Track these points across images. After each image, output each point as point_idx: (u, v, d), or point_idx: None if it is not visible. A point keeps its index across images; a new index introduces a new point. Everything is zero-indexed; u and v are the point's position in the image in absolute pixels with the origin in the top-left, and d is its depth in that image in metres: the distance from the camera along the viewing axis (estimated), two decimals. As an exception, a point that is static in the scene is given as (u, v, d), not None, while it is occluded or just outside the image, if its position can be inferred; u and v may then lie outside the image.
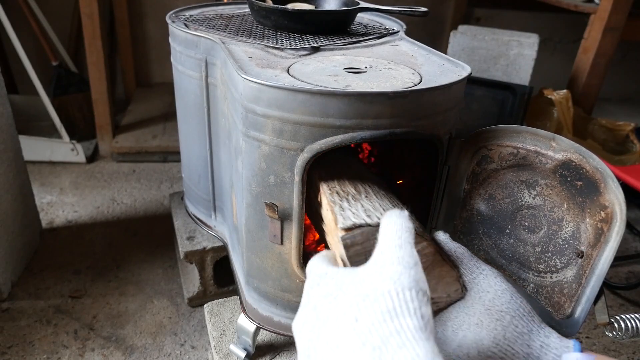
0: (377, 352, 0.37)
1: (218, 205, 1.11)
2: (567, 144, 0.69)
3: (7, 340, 1.17)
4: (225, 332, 0.99)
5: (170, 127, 2.19)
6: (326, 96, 0.64)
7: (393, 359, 0.36)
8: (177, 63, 1.02)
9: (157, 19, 2.52)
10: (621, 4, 1.73)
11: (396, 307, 0.39)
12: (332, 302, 0.44)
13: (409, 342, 0.37)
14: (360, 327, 0.39)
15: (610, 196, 0.64)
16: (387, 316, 0.39)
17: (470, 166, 0.78)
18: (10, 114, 1.32)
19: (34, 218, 1.49)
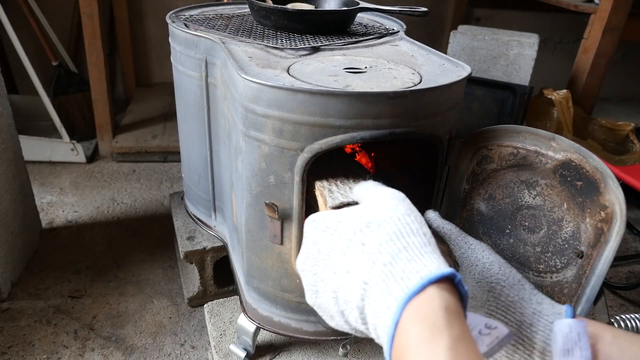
0: (388, 267, 0.40)
1: (218, 205, 1.11)
2: (567, 144, 0.69)
3: (7, 340, 1.17)
4: (225, 332, 0.99)
5: (170, 127, 2.19)
6: (326, 96, 0.64)
7: (404, 271, 0.39)
8: (177, 63, 1.02)
9: (157, 19, 2.52)
10: (621, 4, 1.73)
11: (400, 229, 0.43)
12: (333, 234, 0.47)
13: (416, 256, 0.40)
14: (369, 249, 0.42)
15: (610, 196, 0.64)
16: (394, 236, 0.42)
17: (470, 166, 0.78)
18: (10, 114, 1.32)
19: (34, 218, 1.49)
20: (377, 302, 0.39)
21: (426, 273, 0.38)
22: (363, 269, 0.41)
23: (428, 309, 0.36)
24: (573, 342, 0.46)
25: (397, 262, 0.40)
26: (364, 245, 0.43)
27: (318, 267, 0.47)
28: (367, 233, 0.44)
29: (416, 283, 0.37)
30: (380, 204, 0.47)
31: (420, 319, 0.36)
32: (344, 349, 0.85)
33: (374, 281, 0.40)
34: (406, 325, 0.36)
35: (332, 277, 0.44)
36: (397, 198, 0.48)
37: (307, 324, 0.85)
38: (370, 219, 0.45)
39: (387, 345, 0.37)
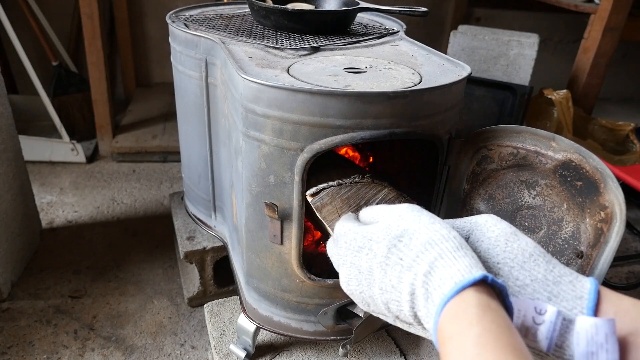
0: (427, 277, 0.43)
1: (218, 205, 1.11)
2: (567, 144, 0.69)
3: (7, 340, 1.17)
4: (225, 332, 0.99)
5: (170, 127, 2.19)
6: (326, 96, 0.64)
7: (441, 279, 0.42)
8: (177, 63, 1.02)
9: (157, 19, 2.52)
10: (621, 4, 1.73)
11: (432, 237, 0.45)
12: (368, 254, 0.49)
13: (451, 261, 0.43)
14: (407, 263, 0.45)
15: (610, 196, 0.64)
16: (428, 246, 0.45)
17: (470, 166, 0.78)
18: (10, 114, 1.32)
19: (34, 218, 1.49)
20: (424, 309, 0.43)
21: (459, 279, 0.41)
22: (407, 282, 0.44)
23: (459, 309, 0.39)
24: (598, 345, 0.43)
25: (435, 271, 0.43)
26: (402, 260, 0.46)
27: (363, 287, 0.49)
28: (401, 248, 0.46)
29: (450, 289, 0.40)
30: (404, 217, 0.49)
31: (452, 317, 0.39)
32: (344, 349, 0.85)
33: (419, 291, 0.44)
34: (442, 326, 0.40)
35: (380, 293, 0.47)
36: (416, 209, 0.50)
37: (307, 324, 0.85)
38: (400, 232, 0.47)
39: (434, 334, 0.41)
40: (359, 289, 0.50)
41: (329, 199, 0.68)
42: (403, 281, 0.45)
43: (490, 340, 0.36)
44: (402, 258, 0.46)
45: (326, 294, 0.81)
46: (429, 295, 0.43)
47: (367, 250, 0.49)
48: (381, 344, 0.97)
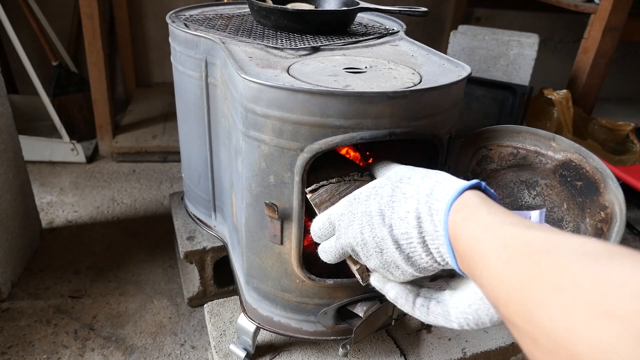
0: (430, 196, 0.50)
1: (218, 205, 1.11)
2: (567, 144, 0.69)
3: (7, 340, 1.17)
4: (225, 332, 0.99)
5: (170, 127, 2.19)
6: (326, 96, 0.64)
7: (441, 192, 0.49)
8: (177, 63, 1.02)
9: (157, 19, 2.52)
10: (621, 4, 1.73)
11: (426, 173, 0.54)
12: (375, 197, 0.56)
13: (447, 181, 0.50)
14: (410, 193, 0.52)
15: (610, 196, 0.64)
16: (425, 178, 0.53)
17: (470, 166, 0.78)
18: (10, 114, 1.32)
19: (34, 218, 1.49)
20: (430, 225, 0.48)
21: (458, 186, 0.48)
22: (412, 208, 0.50)
23: (464, 201, 0.46)
24: None
25: (435, 191, 0.49)
26: (405, 194, 0.52)
27: (375, 230, 0.54)
28: (403, 186, 0.54)
29: (452, 194, 0.47)
30: (399, 170, 0.59)
31: (461, 208, 0.46)
32: (344, 349, 0.85)
33: (423, 210, 0.49)
34: (452, 217, 0.46)
35: (389, 231, 0.52)
36: (409, 166, 0.60)
37: (307, 324, 0.85)
38: (399, 177, 0.56)
39: (447, 245, 0.46)
40: (372, 234, 0.54)
41: (328, 196, 0.68)
42: (409, 210, 0.51)
43: (500, 211, 0.43)
44: (405, 192, 0.52)
45: (326, 294, 0.81)
46: (432, 211, 0.48)
47: (374, 196, 0.56)
48: (381, 344, 0.97)
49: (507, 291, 0.34)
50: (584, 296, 0.27)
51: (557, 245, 0.33)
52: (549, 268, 0.31)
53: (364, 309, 0.80)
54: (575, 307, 0.27)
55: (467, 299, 0.50)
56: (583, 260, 0.30)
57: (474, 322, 0.49)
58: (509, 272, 0.35)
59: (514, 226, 0.39)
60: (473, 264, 0.41)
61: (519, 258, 0.34)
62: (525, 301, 0.31)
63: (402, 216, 0.51)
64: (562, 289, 0.28)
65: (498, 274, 0.36)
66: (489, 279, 0.37)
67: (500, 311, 0.36)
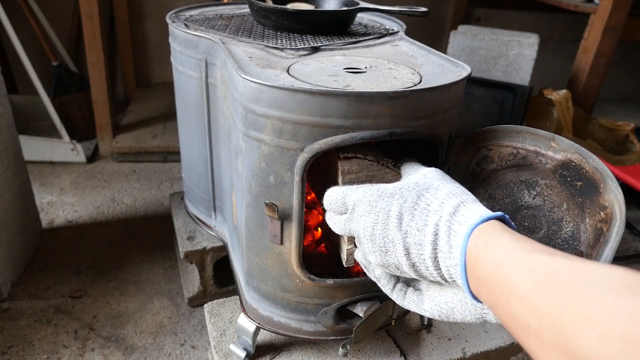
0: (452, 217, 0.50)
1: (218, 205, 1.11)
2: (567, 144, 0.69)
3: (7, 340, 1.17)
4: (225, 332, 0.99)
5: (170, 127, 2.19)
6: (326, 96, 0.64)
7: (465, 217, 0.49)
8: (177, 63, 1.02)
9: (157, 19, 2.52)
10: (621, 4, 1.73)
11: (453, 190, 0.54)
12: (399, 200, 0.56)
13: (471, 205, 0.51)
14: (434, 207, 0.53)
15: (609, 196, 0.64)
16: (452, 195, 0.53)
17: (470, 166, 0.78)
18: (10, 114, 1.32)
19: (34, 218, 1.49)
20: (446, 245, 0.49)
21: (484, 213, 0.49)
22: (432, 224, 0.51)
23: (487, 228, 0.46)
24: None
25: (459, 213, 0.50)
26: (429, 205, 0.53)
27: (388, 230, 0.55)
28: (429, 196, 0.54)
29: (476, 219, 0.47)
30: (428, 175, 0.58)
31: (483, 233, 0.46)
32: (344, 349, 0.85)
33: (443, 231, 0.50)
34: (473, 243, 0.46)
35: (403, 237, 0.53)
36: (438, 171, 0.60)
37: (307, 324, 0.85)
38: (427, 185, 0.56)
39: (461, 269, 0.47)
40: (383, 233, 0.55)
41: (357, 169, 0.69)
42: (428, 224, 0.51)
43: (522, 238, 0.43)
44: (429, 204, 0.53)
45: (326, 294, 0.81)
46: (451, 232, 0.49)
47: (398, 197, 0.56)
48: (381, 344, 0.97)
49: (539, 320, 0.34)
50: (618, 327, 0.28)
51: (584, 274, 0.33)
52: (580, 298, 0.31)
53: (364, 309, 0.80)
54: (610, 337, 0.28)
55: (445, 297, 0.54)
56: (613, 290, 0.30)
57: (445, 317, 0.54)
58: (538, 301, 0.35)
59: (538, 253, 0.39)
60: (497, 290, 0.40)
61: (547, 286, 0.35)
62: (559, 331, 0.32)
63: (420, 227, 0.52)
64: (595, 322, 0.29)
65: (527, 301, 0.36)
66: (518, 307, 0.37)
67: (529, 339, 0.35)
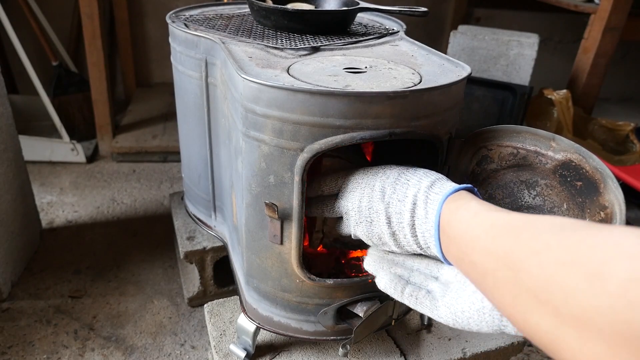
0: (430, 188, 0.59)
1: (218, 205, 1.11)
2: (567, 144, 0.69)
3: (7, 340, 1.17)
4: (225, 332, 0.99)
5: (170, 127, 2.19)
6: (326, 96, 0.64)
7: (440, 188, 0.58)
8: (177, 63, 1.02)
9: (157, 19, 2.52)
10: (621, 4, 1.73)
11: (429, 171, 0.64)
12: (382, 176, 0.66)
13: (446, 181, 0.60)
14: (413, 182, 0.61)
15: (610, 196, 0.64)
16: (428, 173, 0.63)
17: (470, 166, 0.78)
18: (10, 114, 1.32)
19: (34, 218, 1.49)
20: (423, 212, 0.57)
21: (457, 185, 0.57)
22: (411, 194, 0.59)
23: (459, 195, 0.55)
24: None
25: (435, 185, 0.58)
26: (408, 181, 0.61)
27: (372, 202, 0.63)
28: (408, 174, 0.63)
29: (449, 190, 0.56)
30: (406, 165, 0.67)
31: (456, 198, 0.54)
32: (344, 349, 0.85)
33: (420, 200, 0.58)
34: (447, 206, 0.54)
35: (385, 208, 0.61)
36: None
37: (307, 324, 0.85)
38: (407, 167, 0.65)
39: (435, 231, 0.54)
40: (369, 205, 0.64)
41: (338, 167, 0.77)
42: (408, 195, 0.59)
43: (487, 204, 0.51)
44: (408, 180, 0.61)
45: (326, 294, 0.81)
46: (428, 200, 0.57)
47: (381, 174, 0.65)
48: (381, 344, 0.97)
49: (495, 261, 0.41)
50: (554, 255, 0.34)
51: (533, 222, 0.41)
52: (527, 238, 0.38)
53: (364, 309, 0.80)
54: (549, 263, 0.34)
55: (462, 305, 0.54)
56: (553, 230, 0.37)
57: (460, 325, 0.55)
58: (496, 246, 0.42)
59: (500, 212, 0.47)
60: (463, 243, 0.48)
61: (503, 233, 0.42)
62: (510, 267, 0.38)
63: (400, 198, 0.60)
64: (538, 252, 0.36)
65: (487, 248, 0.43)
66: (479, 255, 0.44)
67: (487, 281, 0.42)
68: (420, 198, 0.58)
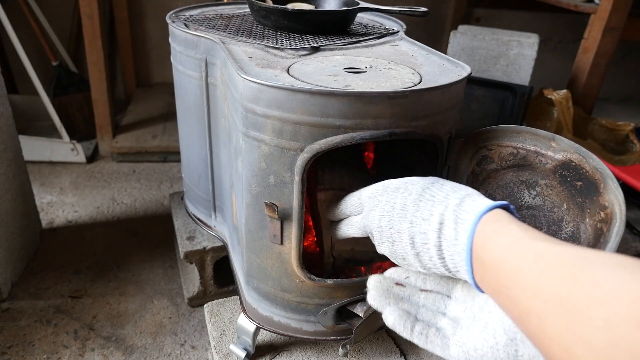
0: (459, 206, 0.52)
1: (218, 205, 1.11)
2: (567, 144, 0.69)
3: (7, 340, 1.17)
4: (225, 332, 0.99)
5: (170, 127, 2.19)
6: (326, 96, 0.64)
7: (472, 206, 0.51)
8: (177, 63, 1.02)
9: (157, 19, 2.52)
10: (621, 4, 1.73)
11: (458, 186, 0.56)
12: (404, 192, 0.58)
13: (478, 197, 0.53)
14: (439, 199, 0.54)
15: (610, 196, 0.64)
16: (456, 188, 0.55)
17: (470, 166, 0.78)
18: (10, 114, 1.32)
19: (34, 218, 1.49)
20: (452, 232, 0.50)
21: (490, 202, 0.50)
22: (437, 213, 0.52)
23: (496, 216, 0.48)
24: None
25: (465, 203, 0.51)
26: (434, 197, 0.54)
27: (393, 222, 0.57)
28: (434, 189, 0.55)
29: (484, 207, 0.49)
30: (431, 177, 0.60)
31: (493, 220, 0.47)
32: (344, 349, 0.85)
33: (448, 219, 0.51)
34: (482, 228, 0.47)
35: (408, 227, 0.55)
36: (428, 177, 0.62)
37: (307, 324, 0.85)
38: (432, 181, 0.58)
39: (466, 255, 0.48)
40: (389, 225, 0.58)
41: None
42: (433, 213, 0.53)
43: (529, 228, 0.44)
44: (434, 196, 0.54)
45: (326, 294, 0.81)
46: (458, 220, 0.50)
47: (402, 190, 0.58)
48: (381, 344, 0.97)
49: (544, 303, 0.35)
50: (623, 310, 0.29)
51: (590, 259, 0.35)
52: (587, 283, 0.32)
53: (364, 309, 0.80)
54: (617, 320, 0.29)
55: (475, 342, 0.51)
56: (618, 274, 0.31)
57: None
58: (544, 285, 0.36)
59: (545, 241, 0.41)
60: (502, 274, 0.42)
61: (553, 270, 0.36)
62: (564, 314, 0.33)
63: (425, 217, 0.53)
64: (602, 304, 0.30)
65: (533, 285, 0.37)
66: (522, 291, 0.38)
67: (531, 322, 0.36)
68: (448, 217, 0.51)
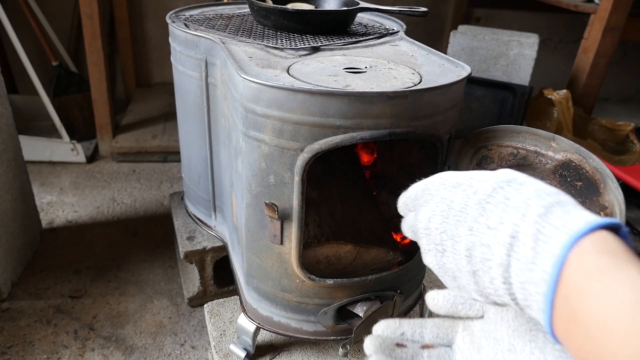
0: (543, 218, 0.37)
1: (218, 205, 1.11)
2: (567, 144, 0.69)
3: (7, 340, 1.17)
4: (225, 332, 0.99)
5: (170, 127, 2.19)
6: (326, 96, 0.64)
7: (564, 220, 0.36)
8: (177, 63, 1.02)
9: (157, 19, 2.52)
10: (621, 4, 1.73)
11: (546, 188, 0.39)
12: (466, 190, 0.43)
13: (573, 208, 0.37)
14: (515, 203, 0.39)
15: (610, 196, 0.64)
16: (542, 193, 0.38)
17: (471, 166, 0.78)
18: (10, 114, 1.32)
19: (34, 218, 1.49)
20: (529, 252, 0.36)
21: (593, 218, 0.34)
22: (510, 222, 0.38)
23: (603, 243, 0.33)
24: None
25: (553, 214, 0.36)
26: (508, 199, 0.39)
27: (447, 224, 0.43)
28: (509, 190, 0.40)
29: (584, 226, 0.34)
30: (509, 171, 0.43)
31: (596, 247, 0.33)
32: (344, 349, 0.85)
33: (525, 233, 0.37)
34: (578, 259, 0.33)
35: (467, 235, 0.41)
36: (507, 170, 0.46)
37: (307, 324, 0.85)
38: (509, 178, 0.41)
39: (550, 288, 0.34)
40: (441, 228, 0.43)
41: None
42: (504, 221, 0.38)
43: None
44: (508, 198, 0.39)
45: (326, 294, 0.81)
46: (540, 236, 0.35)
47: (466, 186, 0.43)
48: (381, 344, 0.97)
49: None
50: None
51: None
52: None
53: (364, 309, 0.80)
54: None
55: None
56: None
57: None
58: None
59: None
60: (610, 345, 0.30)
61: None
62: None
63: (491, 224, 0.39)
64: None
65: None
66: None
67: None
68: (525, 230, 0.36)
